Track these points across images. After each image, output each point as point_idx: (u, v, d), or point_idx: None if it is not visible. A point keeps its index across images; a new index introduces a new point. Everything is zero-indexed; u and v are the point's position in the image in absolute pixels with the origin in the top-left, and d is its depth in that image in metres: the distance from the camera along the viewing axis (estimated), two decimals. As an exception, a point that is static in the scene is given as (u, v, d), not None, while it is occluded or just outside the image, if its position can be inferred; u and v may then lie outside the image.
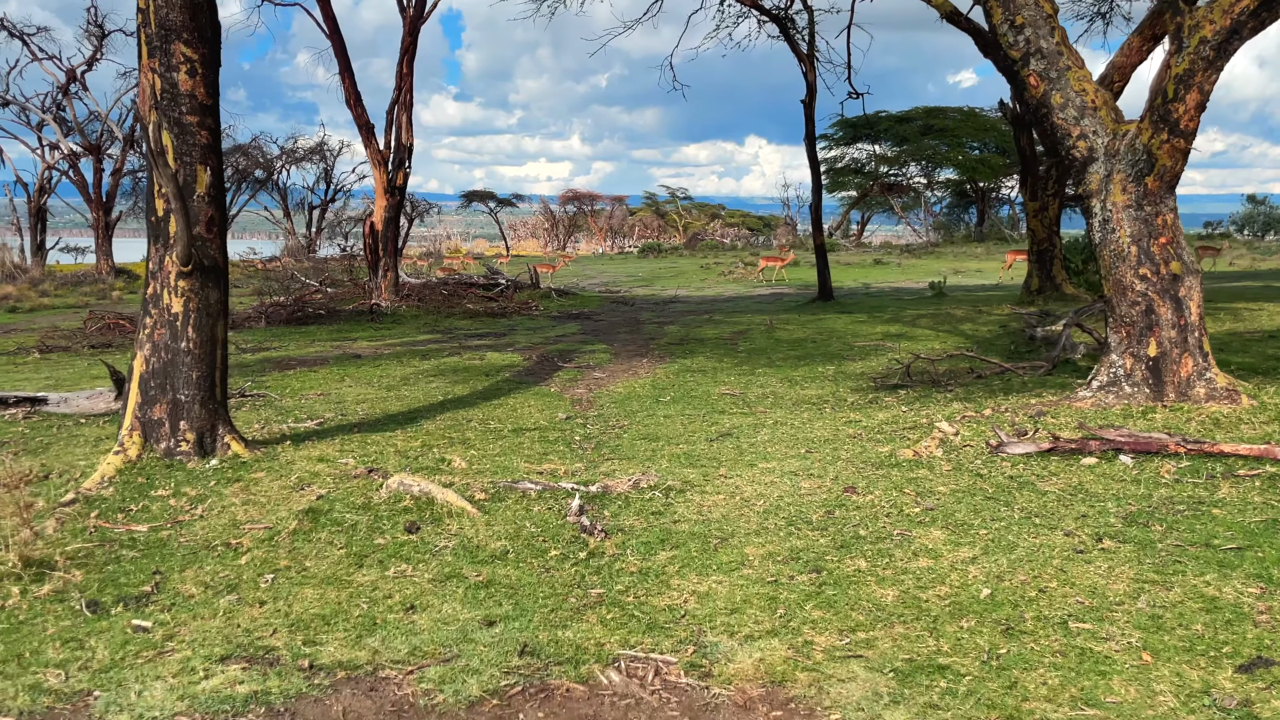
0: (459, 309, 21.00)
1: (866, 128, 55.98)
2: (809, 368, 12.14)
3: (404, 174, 21.64)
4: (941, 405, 8.73)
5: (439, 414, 9.49)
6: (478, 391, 10.94)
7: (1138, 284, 7.87)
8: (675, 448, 7.75)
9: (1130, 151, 7.83)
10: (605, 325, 18.58)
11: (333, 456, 7.28)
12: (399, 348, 15.41)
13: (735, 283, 29.93)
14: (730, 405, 9.67)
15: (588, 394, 10.78)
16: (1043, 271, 17.45)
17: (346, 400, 10.43)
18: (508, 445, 7.89)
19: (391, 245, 21.67)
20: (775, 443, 7.74)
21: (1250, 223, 52.49)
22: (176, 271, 7.05)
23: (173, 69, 7.17)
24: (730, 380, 11.35)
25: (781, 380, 11.22)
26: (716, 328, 17.19)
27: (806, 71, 20.18)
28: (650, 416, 9.18)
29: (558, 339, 16.36)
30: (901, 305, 19.79)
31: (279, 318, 19.21)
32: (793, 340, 14.93)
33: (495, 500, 6.11)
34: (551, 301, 23.27)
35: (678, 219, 75.92)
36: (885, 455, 7.00)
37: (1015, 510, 5.73)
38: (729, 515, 5.83)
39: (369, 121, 21.27)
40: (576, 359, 13.75)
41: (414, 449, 7.64)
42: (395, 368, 12.97)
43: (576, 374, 12.31)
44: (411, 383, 11.65)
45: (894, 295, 23.21)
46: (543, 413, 9.52)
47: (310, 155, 45.03)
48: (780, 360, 12.87)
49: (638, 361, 13.39)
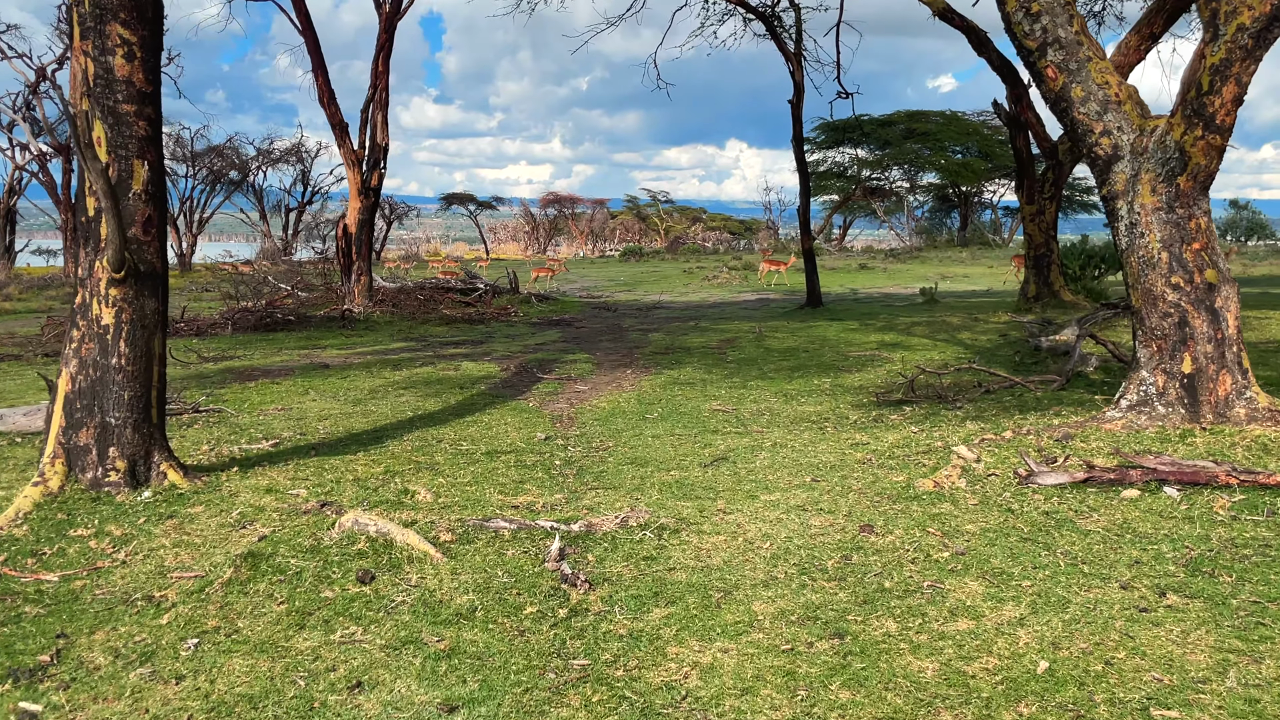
0: (435, 315, 20.15)
1: (849, 131, 55.43)
2: (804, 380, 11.39)
3: (379, 175, 20.79)
4: (954, 425, 8.00)
5: (407, 433, 8.68)
6: (450, 406, 10.13)
7: (1170, 294, 7.16)
8: (666, 474, 6.97)
9: (1160, 149, 7.13)
10: (587, 333, 17.79)
11: (283, 486, 6.46)
12: (370, 357, 14.57)
13: (720, 288, 29.21)
14: (723, 423, 8.91)
15: (569, 409, 9.99)
16: (1040, 277, 16.80)
17: (308, 416, 9.60)
18: (480, 471, 7.09)
19: (365, 248, 20.80)
20: (777, 469, 6.98)
21: (1233, 228, 52.31)
22: (108, 279, 6.23)
23: (108, 52, 6.36)
24: (721, 394, 10.59)
25: (776, 394, 10.47)
26: (703, 335, 16.44)
27: (793, 71, 19.47)
28: (637, 436, 8.40)
29: (537, 347, 15.56)
30: (893, 312, 19.10)
31: (247, 324, 18.32)
32: (784, 349, 14.20)
33: (463, 542, 5.32)
34: (531, 307, 22.46)
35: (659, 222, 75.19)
36: (901, 486, 6.25)
37: (1058, 555, 4.99)
38: (731, 561, 5.06)
39: (343, 121, 20.42)
40: (557, 369, 12.96)
41: (375, 476, 6.83)
42: (364, 379, 12.14)
43: (557, 386, 11.53)
44: (380, 396, 10.83)
45: (884, 301, 22.54)
46: (520, 431, 8.72)
47: (287, 156, 44.00)
48: (773, 372, 12.13)
49: (622, 372, 12.62)
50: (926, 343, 14.23)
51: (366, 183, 20.60)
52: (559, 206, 72.71)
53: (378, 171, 20.72)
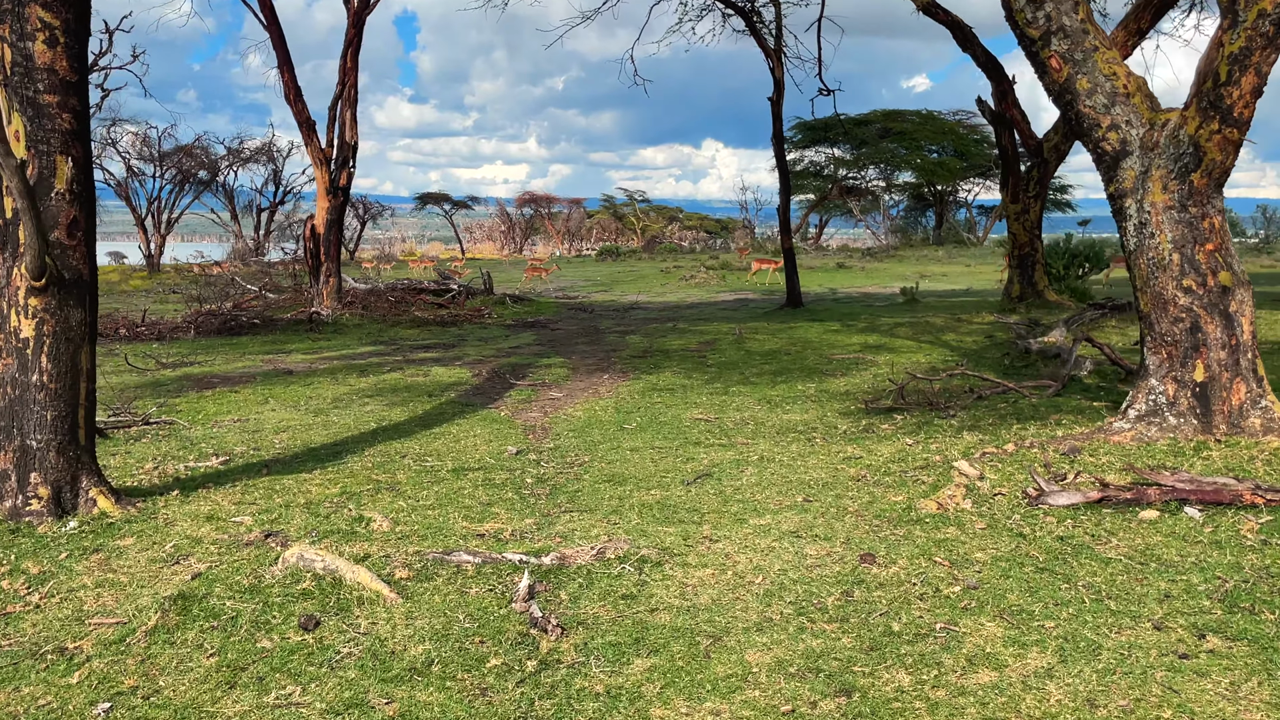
0: (406, 317, 19.51)
1: (825, 131, 55.12)
2: (788, 385, 10.88)
3: (348, 173, 20.11)
4: (950, 436, 7.51)
5: (369, 446, 8.09)
6: (417, 417, 9.54)
7: (1181, 297, 6.70)
8: (646, 494, 6.43)
9: (1173, 144, 6.66)
10: (563, 335, 17.22)
11: (226, 512, 5.87)
12: (336, 362, 13.94)
13: (698, 288, 28.70)
14: (706, 434, 8.37)
15: (543, 419, 9.43)
16: (1024, 277, 16.39)
17: (265, 428, 8.99)
18: (445, 492, 6.52)
19: (334, 249, 20.12)
20: (765, 487, 6.45)
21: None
22: (27, 287, 5.61)
23: (26, 37, 5.75)
24: (702, 401, 10.06)
25: (760, 401, 9.95)
26: (682, 338, 15.91)
27: (774, 67, 18.98)
28: (614, 450, 7.85)
29: (511, 351, 14.97)
30: (874, 312, 18.65)
31: (210, 328, 17.61)
32: (765, 352, 13.69)
33: (421, 579, 4.75)
34: (506, 308, 21.85)
35: (636, 222, 74.66)
36: (901, 508, 5.74)
37: (1079, 588, 4.49)
38: (721, 599, 4.52)
39: (310, 119, 19.73)
40: (531, 375, 12.39)
41: (330, 499, 6.25)
42: (328, 386, 11.52)
43: (531, 393, 10.96)
44: (343, 405, 10.22)
45: (864, 301, 22.10)
46: (490, 444, 8.15)
47: (257, 156, 43.07)
48: (755, 376, 11.61)
49: (598, 378, 12.06)
50: (911, 344, 13.77)
51: (335, 182, 19.92)
52: (535, 206, 72.00)
53: (346, 170, 20.04)
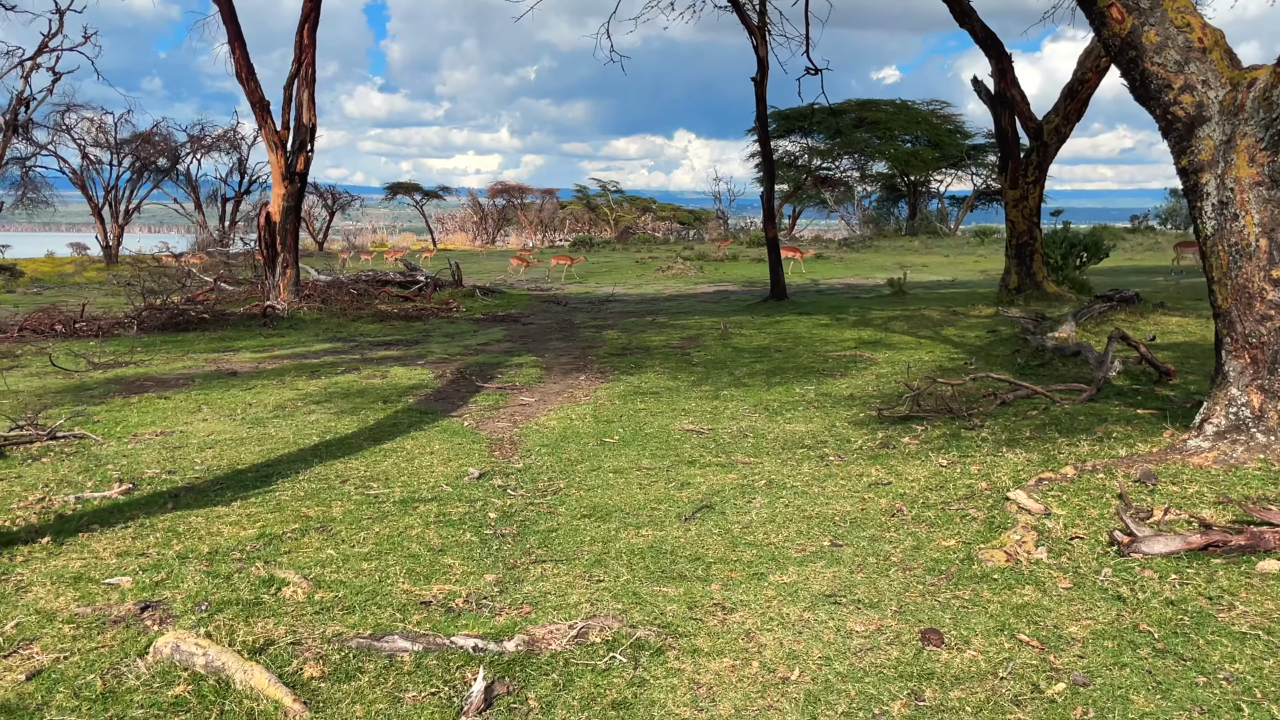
0: (369, 311, 18.10)
1: (800, 120, 54.00)
2: (784, 388, 9.67)
3: (305, 158, 18.64)
4: (989, 454, 6.32)
5: (305, 468, 6.78)
6: (368, 428, 8.23)
7: (1270, 291, 5.54)
8: (636, 534, 5.18)
9: (1262, 107, 5.48)
10: (535, 330, 15.92)
11: (102, 570, 4.56)
12: (286, 361, 12.56)
13: (675, 279, 27.45)
14: (700, 450, 7.13)
15: (511, 430, 8.15)
16: (1022, 268, 15.28)
17: (190, 444, 7.66)
18: (387, 534, 5.24)
19: (291, 239, 18.66)
20: (781, 524, 5.23)
21: (1173, 216, 51.79)
22: None
23: None
24: (692, 408, 8.82)
25: (756, 408, 8.72)
26: (663, 333, 14.67)
27: (757, 45, 17.73)
28: (595, 471, 6.59)
29: (479, 348, 13.66)
30: (864, 305, 17.49)
31: (155, 323, 16.14)
32: (755, 349, 12.47)
33: (339, 678, 3.48)
34: (475, 301, 20.50)
35: (609, 212, 73.28)
36: (958, 557, 4.53)
37: (1222, 682, 3.31)
38: (747, 708, 3.29)
39: (264, 98, 18.23)
40: (500, 376, 11.09)
41: (241, 547, 4.95)
42: (272, 391, 10.17)
43: (499, 399, 9.67)
44: (286, 414, 8.89)
45: (849, 293, 20.95)
46: (449, 465, 6.87)
47: (219, 143, 41.26)
48: (747, 377, 10.39)
49: (574, 379, 10.80)
50: (910, 340, 12.60)
51: (291, 167, 18.46)
52: (508, 196, 70.40)
53: (304, 154, 18.58)
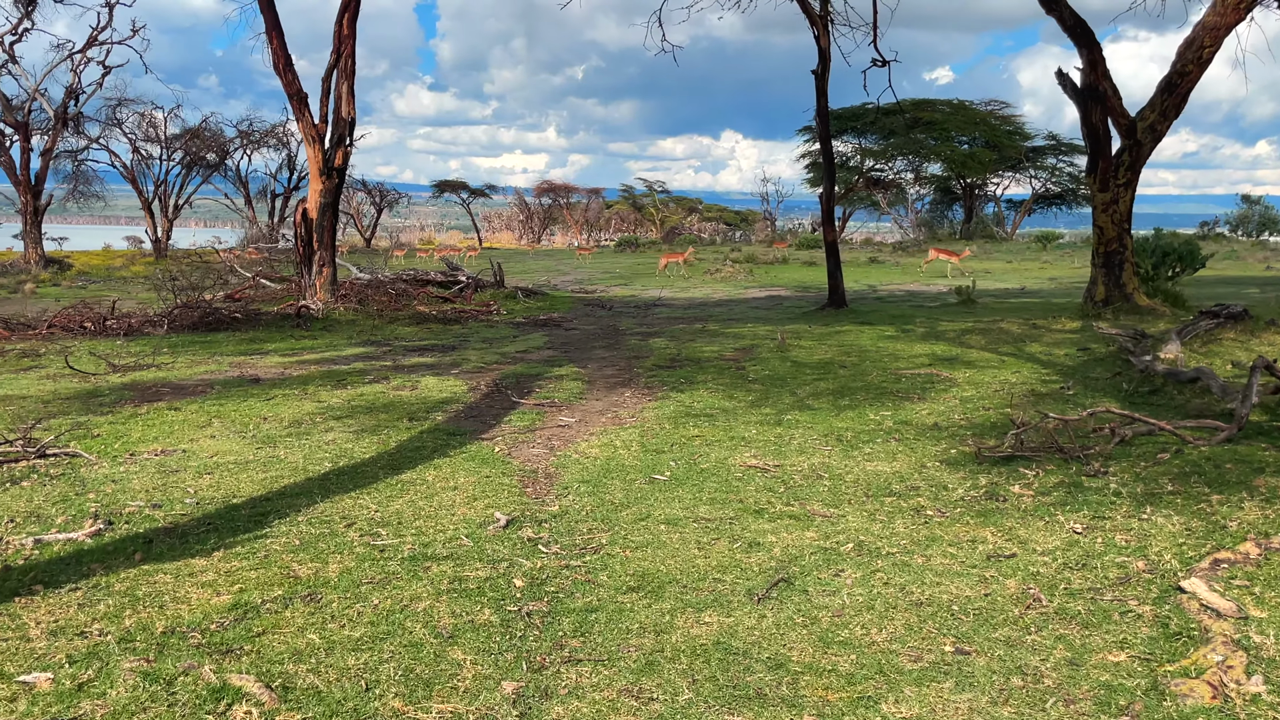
0: (406, 313, 17.19)
1: (852, 120, 52.41)
2: (856, 412, 8.50)
3: (344, 152, 17.77)
4: (1128, 514, 5.11)
5: (308, 505, 5.77)
6: (388, 452, 7.22)
7: None
8: (697, 623, 4.07)
9: None
10: (578, 337, 14.87)
11: (22, 658, 3.56)
12: (314, 367, 11.64)
13: (723, 282, 26.26)
14: (767, 494, 5.99)
15: (547, 459, 7.07)
16: (1110, 278, 13.89)
17: (189, 467, 6.72)
18: (387, 611, 4.18)
19: (329, 236, 17.81)
20: (882, 615, 4.08)
21: (1245, 223, 49.42)
22: None
23: None
24: (752, 436, 7.68)
25: (827, 436, 7.56)
26: (715, 343, 13.53)
27: (818, 36, 16.51)
28: (643, 521, 5.48)
29: (518, 356, 12.63)
30: (930, 315, 16.19)
31: (185, 323, 15.35)
32: (817, 364, 11.29)
33: None
34: (516, 303, 19.51)
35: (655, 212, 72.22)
36: (1138, 684, 3.36)
37: None
38: None
39: (301, 90, 17.39)
40: (538, 389, 10.04)
41: (205, 625, 3.93)
42: (292, 402, 9.23)
43: (535, 418, 8.61)
44: (301, 432, 7.92)
45: (911, 301, 19.62)
46: (473, 505, 5.81)
47: (266, 139, 40.82)
48: (812, 398, 9.22)
49: (619, 395, 9.71)
50: (991, 358, 11.34)
51: (329, 161, 17.61)
52: (554, 195, 69.62)
53: (342, 149, 17.72)
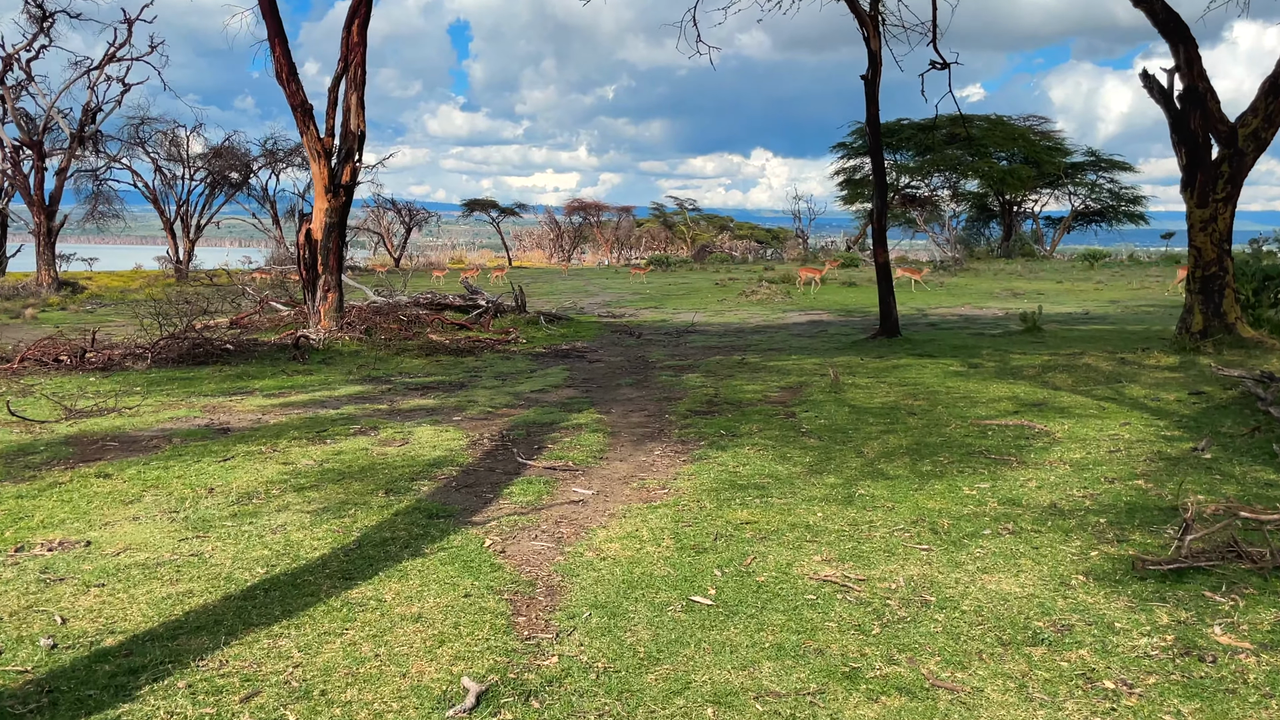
0: (416, 343, 15.51)
1: (887, 135, 50.44)
2: (945, 482, 6.64)
3: (352, 168, 16.18)
4: None
5: (207, 652, 4.02)
6: (345, 548, 5.45)
7: None
8: None
9: None
10: (602, 371, 13.09)
11: None
12: (298, 412, 9.96)
13: (760, 305, 24.40)
14: (857, 640, 4.14)
15: (551, 560, 5.28)
16: (1209, 306, 11.91)
17: (80, 574, 5.00)
18: None
19: (335, 259, 16.19)
20: None
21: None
22: None
23: None
24: (819, 521, 5.84)
25: (917, 525, 5.70)
26: (756, 379, 11.69)
27: (869, 38, 14.71)
28: (678, 695, 3.64)
29: (532, 398, 10.87)
30: (996, 346, 14.25)
31: (171, 355, 13.75)
32: (880, 410, 9.43)
33: None
34: (538, 330, 17.78)
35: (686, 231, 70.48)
36: None
37: None
38: None
39: (306, 102, 15.82)
40: (550, 445, 8.27)
41: None
42: (252, 465, 7.52)
43: (543, 489, 6.83)
44: (248, 513, 6.19)
45: (969, 328, 17.65)
46: (434, 659, 4.01)
47: (292, 157, 39.56)
48: (884, 458, 7.37)
49: (647, 452, 7.92)
50: (1086, 403, 9.42)
51: (336, 178, 16.01)
52: (584, 214, 68.12)
53: (350, 165, 16.12)
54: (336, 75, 15.93)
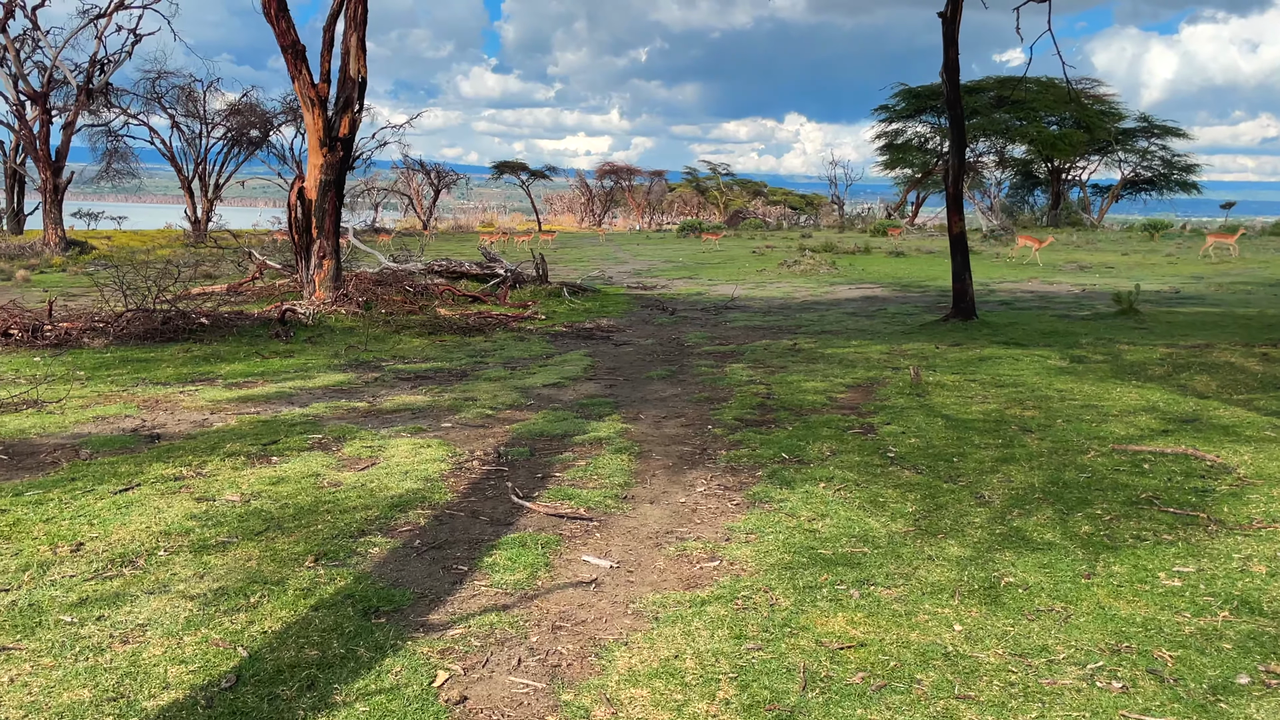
0: (420, 318, 13.40)
1: (931, 98, 47.43)
2: (1126, 561, 4.42)
3: (350, 120, 14.00)
4: None
5: None
6: (216, 686, 3.34)
7: None
8: None
9: None
10: (629, 357, 10.91)
11: None
12: (252, 411, 7.90)
13: (803, 276, 22.04)
14: None
15: (539, 725, 3.15)
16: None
17: None
18: None
19: (331, 222, 14.08)
20: None
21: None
22: None
23: None
24: (958, 644, 3.66)
25: (1119, 655, 3.50)
26: (815, 374, 9.46)
27: (949, -33, 12.25)
28: None
29: (544, 395, 8.73)
30: (1096, 333, 11.88)
31: (135, 331, 11.74)
32: (984, 423, 7.18)
33: None
34: (560, 304, 15.60)
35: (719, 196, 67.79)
36: None
37: None
38: None
39: (297, 41, 13.61)
40: (558, 474, 6.12)
41: None
42: (153, 502, 5.44)
43: (539, 555, 4.68)
44: (109, 598, 4.14)
45: (1049, 308, 15.23)
46: None
47: (313, 115, 37.36)
48: (1018, 509, 5.14)
49: (687, 486, 5.76)
50: (1256, 419, 7.11)
51: (333, 130, 13.84)
52: (616, 178, 65.61)
53: (348, 115, 13.94)
54: (332, 12, 13.70)
